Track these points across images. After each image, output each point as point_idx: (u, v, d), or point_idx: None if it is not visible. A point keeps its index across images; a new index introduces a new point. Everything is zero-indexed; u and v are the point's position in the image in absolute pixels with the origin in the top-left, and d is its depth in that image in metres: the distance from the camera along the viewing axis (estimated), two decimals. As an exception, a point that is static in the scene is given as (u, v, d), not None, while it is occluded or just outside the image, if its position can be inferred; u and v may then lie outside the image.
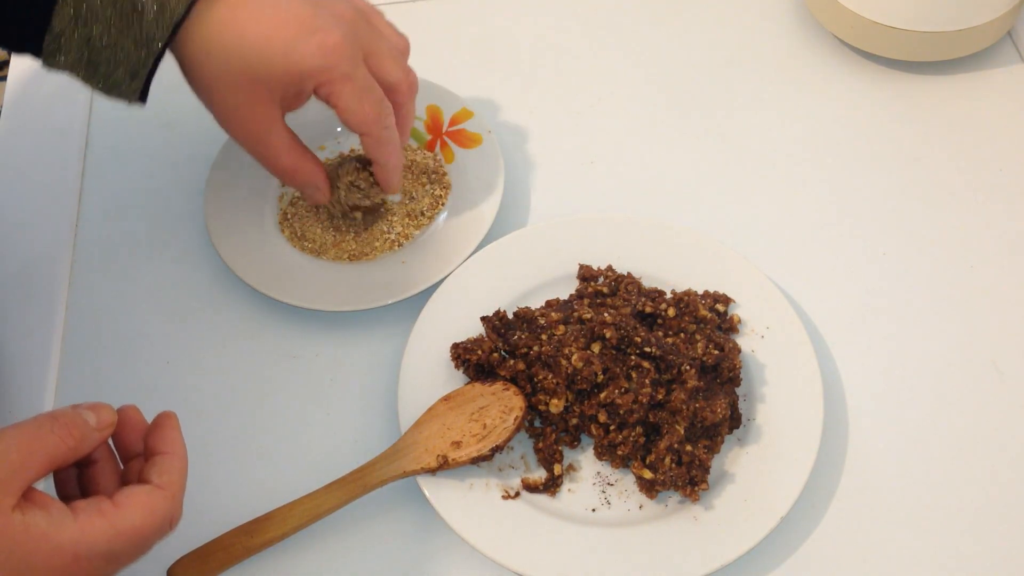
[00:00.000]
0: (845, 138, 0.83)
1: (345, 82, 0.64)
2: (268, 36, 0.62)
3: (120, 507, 0.50)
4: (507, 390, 0.67)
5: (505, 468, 0.67)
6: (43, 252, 0.80)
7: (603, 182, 0.82)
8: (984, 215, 0.78)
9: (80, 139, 0.86)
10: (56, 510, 0.49)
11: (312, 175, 0.70)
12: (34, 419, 0.50)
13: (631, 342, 0.66)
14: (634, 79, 0.88)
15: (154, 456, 0.54)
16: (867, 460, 0.68)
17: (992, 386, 0.71)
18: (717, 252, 0.74)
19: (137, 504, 0.51)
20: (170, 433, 0.55)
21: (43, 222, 0.82)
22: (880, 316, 0.74)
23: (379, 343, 0.74)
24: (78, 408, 0.52)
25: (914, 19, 0.82)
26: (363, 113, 0.65)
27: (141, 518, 0.50)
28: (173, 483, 0.52)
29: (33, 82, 0.83)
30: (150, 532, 0.51)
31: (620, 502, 0.66)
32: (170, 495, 0.52)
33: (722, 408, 0.65)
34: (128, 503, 0.50)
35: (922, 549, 0.65)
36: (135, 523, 0.50)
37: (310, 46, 0.62)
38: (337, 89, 0.64)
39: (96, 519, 0.49)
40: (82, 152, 0.85)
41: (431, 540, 0.66)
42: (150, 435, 0.55)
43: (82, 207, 0.82)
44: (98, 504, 0.50)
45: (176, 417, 0.56)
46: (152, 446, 0.54)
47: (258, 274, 0.75)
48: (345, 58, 0.63)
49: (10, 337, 0.76)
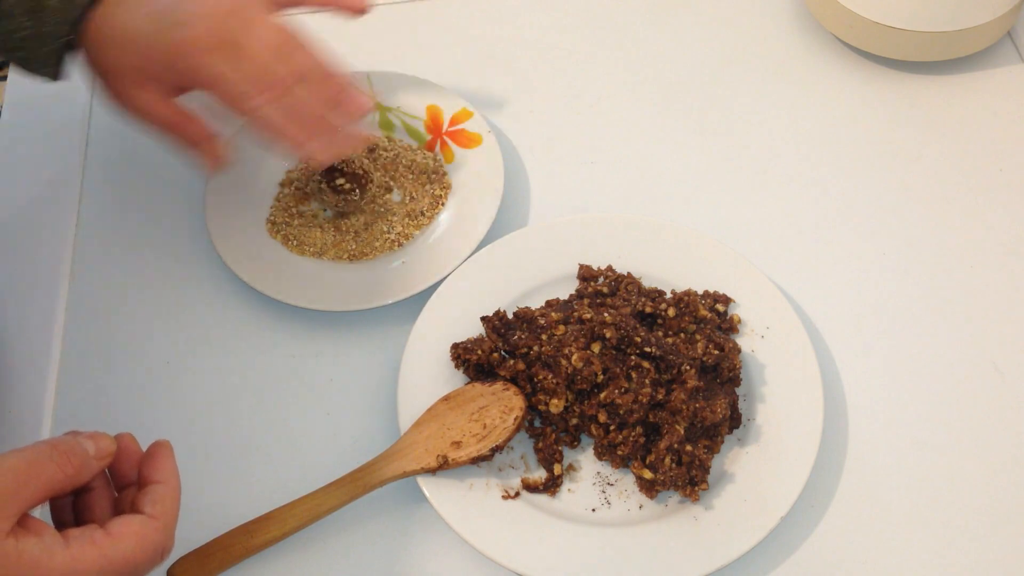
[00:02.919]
0: (845, 138, 0.83)
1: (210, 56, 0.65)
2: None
3: (112, 536, 0.50)
4: (507, 390, 0.67)
5: (505, 468, 0.67)
6: (43, 252, 0.80)
7: (603, 182, 0.82)
8: (984, 215, 0.78)
9: (80, 139, 0.86)
10: (49, 537, 0.49)
11: (190, 132, 0.70)
12: (34, 446, 0.50)
13: (631, 342, 0.66)
14: (634, 79, 0.88)
15: (147, 485, 0.54)
16: (867, 460, 0.68)
17: (992, 386, 0.71)
18: (717, 252, 0.74)
19: (129, 534, 0.51)
20: (164, 462, 0.55)
21: (43, 222, 0.82)
22: (880, 316, 0.74)
23: (379, 343, 0.74)
24: (78, 437, 0.52)
25: (914, 19, 0.82)
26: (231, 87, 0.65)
27: (133, 548, 0.50)
28: (166, 513, 0.53)
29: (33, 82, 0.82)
30: (141, 562, 0.51)
31: (620, 502, 0.66)
32: (162, 525, 0.52)
33: (722, 408, 0.65)
34: (120, 533, 0.51)
35: (922, 549, 0.65)
36: (126, 553, 0.50)
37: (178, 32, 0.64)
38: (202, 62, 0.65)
39: (88, 548, 0.49)
40: (82, 152, 0.85)
41: (431, 540, 0.66)
42: (144, 463, 0.55)
43: (82, 207, 0.82)
44: (91, 533, 0.50)
45: (170, 446, 0.56)
46: (146, 475, 0.54)
47: (258, 274, 0.75)
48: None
49: (10, 337, 0.76)
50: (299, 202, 0.80)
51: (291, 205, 0.80)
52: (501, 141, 0.83)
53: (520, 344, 0.68)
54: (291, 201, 0.80)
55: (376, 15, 0.92)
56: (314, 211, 0.80)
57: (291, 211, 0.79)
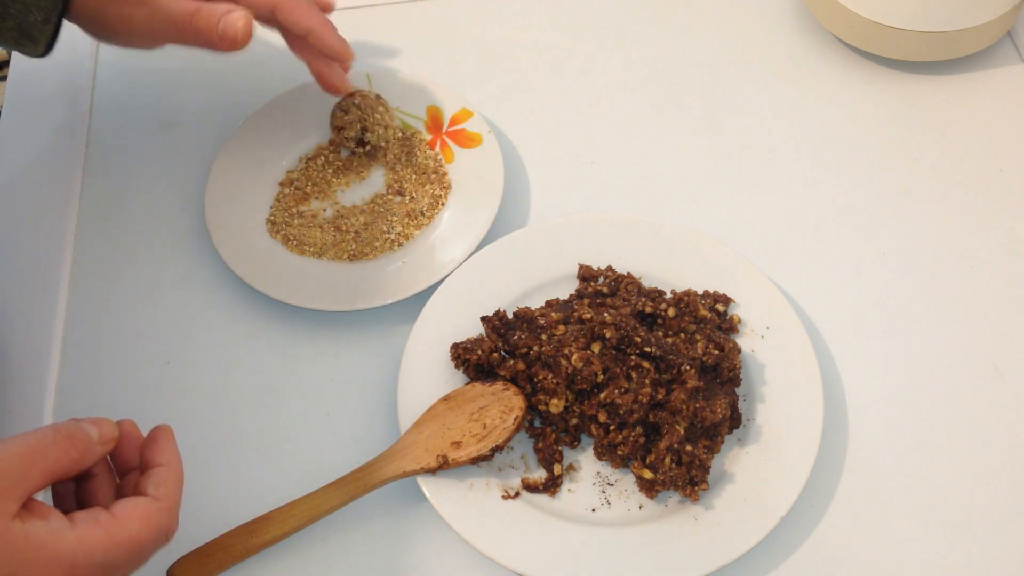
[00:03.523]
0: (845, 138, 0.83)
1: None
2: None
3: (117, 518, 0.50)
4: (507, 390, 0.67)
5: (505, 468, 0.67)
6: (43, 252, 0.80)
7: (603, 182, 0.82)
8: (984, 215, 0.78)
9: (80, 139, 0.86)
10: (55, 520, 0.49)
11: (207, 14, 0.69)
12: (38, 431, 0.51)
13: (631, 342, 0.66)
14: (634, 79, 0.88)
15: (150, 468, 0.54)
16: (867, 460, 0.68)
17: (992, 386, 0.71)
18: (716, 252, 0.74)
19: (134, 515, 0.51)
20: (166, 445, 0.55)
21: (43, 222, 0.82)
22: (879, 315, 0.74)
23: (379, 343, 0.74)
24: (81, 422, 0.52)
25: (914, 19, 0.82)
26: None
27: (138, 529, 0.51)
28: (170, 495, 0.53)
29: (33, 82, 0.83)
30: (147, 543, 0.51)
31: (620, 502, 0.66)
32: (167, 507, 0.52)
33: (722, 408, 0.65)
34: (126, 514, 0.51)
35: (922, 548, 0.65)
36: (132, 534, 0.50)
37: None
38: None
39: (94, 530, 0.49)
40: (82, 152, 0.85)
41: (431, 540, 0.66)
42: (146, 447, 0.55)
43: (82, 207, 0.82)
44: (96, 515, 0.50)
45: (171, 430, 0.56)
46: (148, 459, 0.54)
47: (258, 274, 0.75)
48: None
49: (10, 337, 0.76)
50: (299, 202, 0.80)
51: (291, 205, 0.80)
52: (501, 141, 0.83)
53: (520, 344, 0.68)
54: (291, 201, 0.80)
55: (376, 15, 0.92)
56: (314, 211, 0.80)
57: (291, 211, 0.79)
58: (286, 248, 0.77)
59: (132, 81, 0.89)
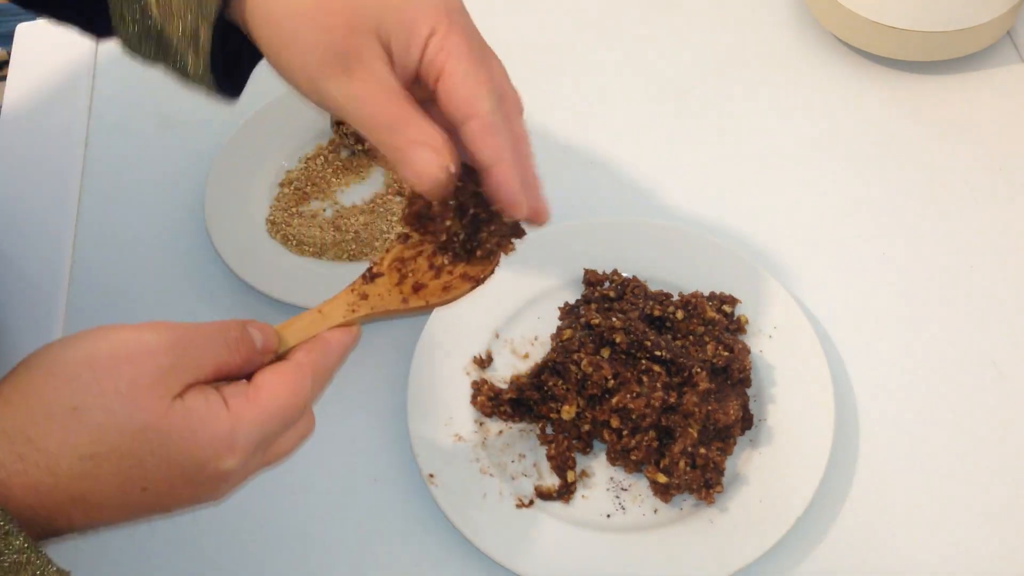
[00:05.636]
0: (845, 138, 0.83)
1: (461, 35, 0.52)
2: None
3: (263, 390, 0.49)
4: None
5: (518, 477, 0.67)
6: (43, 251, 0.80)
7: (603, 183, 0.82)
8: (984, 215, 0.79)
9: (80, 139, 0.86)
10: (213, 395, 0.48)
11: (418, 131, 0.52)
12: (215, 326, 0.50)
13: (641, 346, 0.66)
14: (634, 79, 0.88)
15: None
16: (879, 457, 0.68)
17: (997, 386, 0.71)
18: (720, 253, 0.74)
19: (281, 383, 0.50)
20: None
21: (43, 221, 0.81)
22: (883, 314, 0.74)
23: (379, 343, 0.74)
24: (248, 327, 0.51)
25: (914, 19, 0.82)
26: (478, 81, 0.52)
27: (287, 398, 0.49)
28: (315, 362, 0.51)
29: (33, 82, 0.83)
30: (291, 415, 0.50)
31: (635, 507, 0.65)
32: (311, 372, 0.51)
33: (734, 409, 0.65)
34: (272, 383, 0.50)
35: (937, 548, 0.65)
36: (282, 404, 0.49)
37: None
38: (453, 42, 0.52)
39: (245, 405, 0.48)
40: (82, 152, 0.85)
41: (431, 540, 0.66)
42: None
43: (82, 207, 0.82)
44: (244, 389, 0.49)
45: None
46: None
47: (258, 274, 0.75)
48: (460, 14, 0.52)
49: (10, 337, 0.76)
50: (299, 202, 0.80)
51: (291, 205, 0.80)
52: (502, 141, 0.83)
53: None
54: (291, 201, 0.80)
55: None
56: (314, 211, 0.79)
57: (291, 211, 0.79)
58: (286, 248, 0.77)
59: (132, 81, 0.88)
